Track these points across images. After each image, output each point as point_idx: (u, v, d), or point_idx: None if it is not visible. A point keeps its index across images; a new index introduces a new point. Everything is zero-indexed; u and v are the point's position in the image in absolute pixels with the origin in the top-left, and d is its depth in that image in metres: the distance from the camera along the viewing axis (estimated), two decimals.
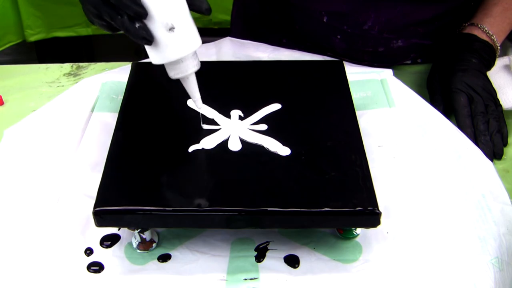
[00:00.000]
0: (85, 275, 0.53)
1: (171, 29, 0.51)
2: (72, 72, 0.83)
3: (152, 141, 0.59)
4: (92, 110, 0.71)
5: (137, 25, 0.50)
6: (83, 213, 0.58)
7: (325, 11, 0.80)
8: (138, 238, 0.55)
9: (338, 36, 0.82)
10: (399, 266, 0.53)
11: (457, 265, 0.53)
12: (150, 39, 0.51)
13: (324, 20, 0.81)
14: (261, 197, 0.52)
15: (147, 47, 0.53)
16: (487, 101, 0.69)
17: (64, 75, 0.82)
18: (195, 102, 0.57)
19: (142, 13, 0.50)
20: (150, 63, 0.55)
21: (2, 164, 0.64)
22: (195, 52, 0.54)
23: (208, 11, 0.54)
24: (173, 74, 0.55)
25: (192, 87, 0.56)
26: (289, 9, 0.85)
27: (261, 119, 0.61)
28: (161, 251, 0.55)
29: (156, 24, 0.51)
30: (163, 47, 0.52)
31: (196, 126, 0.60)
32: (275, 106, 0.63)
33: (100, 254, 0.55)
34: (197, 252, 0.55)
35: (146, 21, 0.51)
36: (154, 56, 0.54)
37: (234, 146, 0.58)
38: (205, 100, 0.63)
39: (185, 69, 0.54)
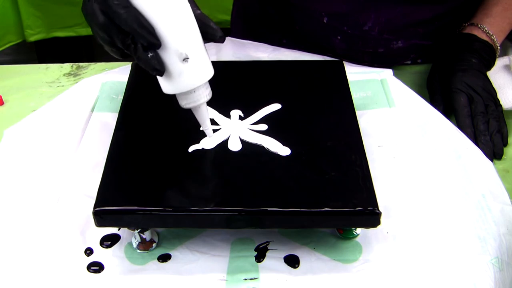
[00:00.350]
0: (85, 275, 0.53)
1: (185, 59, 0.49)
2: (72, 72, 0.83)
3: (152, 141, 0.59)
4: (92, 110, 0.71)
5: (149, 54, 0.49)
6: (83, 213, 0.58)
7: (325, 11, 0.81)
8: (138, 238, 0.55)
9: (338, 37, 0.82)
10: (399, 266, 0.53)
11: (457, 265, 0.53)
12: (162, 70, 0.50)
13: (324, 21, 0.81)
14: (261, 197, 0.52)
15: (159, 78, 0.52)
16: (487, 101, 0.69)
17: (64, 75, 0.82)
18: (205, 131, 0.56)
19: (156, 44, 0.48)
20: None
21: (2, 164, 0.64)
22: (207, 85, 0.53)
23: (223, 38, 0.52)
24: (184, 103, 0.53)
25: (203, 116, 0.55)
26: (289, 10, 0.85)
27: (261, 119, 0.61)
28: (161, 251, 0.55)
29: (170, 54, 0.50)
30: (176, 77, 0.51)
31: (196, 126, 0.59)
32: (275, 106, 0.63)
33: (100, 254, 0.55)
34: (197, 252, 0.55)
35: (159, 51, 0.49)
36: (166, 85, 0.52)
37: (234, 146, 0.58)
38: None
39: (197, 99, 0.53)
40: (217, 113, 0.62)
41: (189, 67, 0.50)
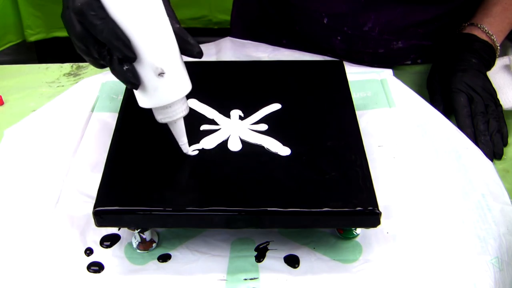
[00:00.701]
0: (85, 275, 0.53)
1: (161, 74, 0.49)
2: (72, 72, 0.83)
3: (152, 141, 0.58)
4: (92, 110, 0.71)
5: (125, 67, 0.48)
6: (83, 213, 0.58)
7: (325, 12, 0.80)
8: (138, 238, 0.55)
9: (338, 37, 0.82)
10: (399, 266, 0.53)
11: (457, 265, 0.53)
12: (137, 83, 0.49)
13: (324, 21, 0.81)
14: (261, 197, 0.52)
15: (136, 92, 0.52)
16: (487, 101, 0.69)
17: (64, 75, 0.82)
18: (182, 147, 0.55)
19: (131, 57, 0.48)
20: None
21: (2, 164, 0.64)
22: (184, 100, 0.52)
23: (200, 54, 0.51)
24: (160, 118, 0.52)
25: (179, 131, 0.54)
26: (289, 10, 0.85)
27: (261, 119, 0.61)
28: (161, 251, 0.55)
29: (146, 68, 0.49)
30: (151, 91, 0.50)
31: (196, 126, 0.60)
32: (275, 106, 0.63)
33: (100, 254, 0.55)
34: (197, 252, 0.55)
35: (135, 64, 0.49)
36: (142, 99, 0.52)
37: (234, 146, 0.58)
38: (205, 100, 0.63)
39: (172, 114, 0.52)
40: (217, 113, 0.62)
41: (165, 82, 0.49)
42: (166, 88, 0.50)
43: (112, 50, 0.48)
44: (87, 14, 0.47)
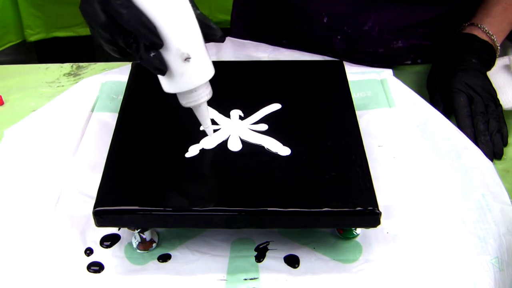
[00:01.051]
0: (85, 275, 0.53)
1: (187, 59, 0.49)
2: (72, 72, 0.83)
3: (152, 141, 0.59)
4: (92, 110, 0.71)
5: (152, 54, 0.49)
6: (83, 213, 0.58)
7: (325, 11, 0.80)
8: (138, 238, 0.55)
9: (338, 37, 0.82)
10: (399, 266, 0.53)
11: (457, 265, 0.53)
12: (164, 69, 0.50)
13: (324, 21, 0.81)
14: (261, 197, 0.52)
15: (161, 77, 0.52)
16: (487, 101, 0.69)
17: (64, 75, 0.82)
18: (206, 130, 0.56)
19: (159, 43, 0.48)
20: None
21: (2, 164, 0.64)
22: (208, 84, 0.53)
23: (223, 38, 0.52)
24: (185, 102, 0.53)
25: (204, 115, 0.55)
26: (289, 10, 0.85)
27: (261, 119, 0.61)
28: (161, 251, 0.55)
29: (172, 54, 0.50)
30: (177, 77, 0.51)
31: (196, 126, 0.59)
32: (275, 106, 0.63)
33: (100, 254, 0.55)
34: (197, 252, 0.55)
35: (161, 50, 0.49)
36: (167, 85, 0.52)
37: (234, 146, 0.58)
38: None
39: (197, 98, 0.53)
40: (217, 113, 0.62)
41: (190, 66, 0.50)
42: (192, 73, 0.51)
43: (139, 37, 0.49)
44: (113, 3, 0.48)
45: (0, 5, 1.34)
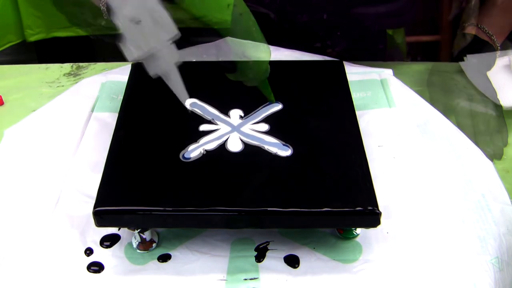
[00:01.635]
0: (85, 275, 0.53)
1: (137, 22, 0.50)
2: (72, 72, 0.83)
3: (152, 141, 0.59)
4: (92, 110, 0.71)
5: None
6: (83, 213, 0.58)
7: (325, 8, 0.80)
8: (138, 238, 0.55)
9: (338, 33, 0.82)
10: (399, 266, 0.53)
11: (457, 265, 0.53)
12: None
13: (324, 17, 0.81)
14: (261, 197, 0.52)
15: (121, 45, 0.52)
16: (487, 101, 0.69)
17: (64, 75, 0.82)
18: (182, 101, 0.55)
19: None
20: None
21: (2, 164, 0.64)
22: (173, 47, 0.52)
23: None
24: (152, 72, 0.53)
25: (175, 85, 0.54)
26: (289, 9, 0.85)
27: (261, 119, 0.61)
28: (161, 251, 0.55)
29: (120, 18, 0.50)
30: (134, 41, 0.51)
31: (196, 126, 0.60)
32: (275, 106, 0.63)
33: (100, 254, 0.55)
34: (197, 252, 0.55)
35: (112, 17, 0.50)
36: (128, 52, 0.52)
37: (234, 146, 0.58)
38: (205, 100, 0.63)
39: (163, 65, 0.52)
40: (217, 113, 0.62)
41: (142, 28, 0.50)
42: (146, 34, 0.51)
43: None
44: None
45: (0, 5, 1.34)
